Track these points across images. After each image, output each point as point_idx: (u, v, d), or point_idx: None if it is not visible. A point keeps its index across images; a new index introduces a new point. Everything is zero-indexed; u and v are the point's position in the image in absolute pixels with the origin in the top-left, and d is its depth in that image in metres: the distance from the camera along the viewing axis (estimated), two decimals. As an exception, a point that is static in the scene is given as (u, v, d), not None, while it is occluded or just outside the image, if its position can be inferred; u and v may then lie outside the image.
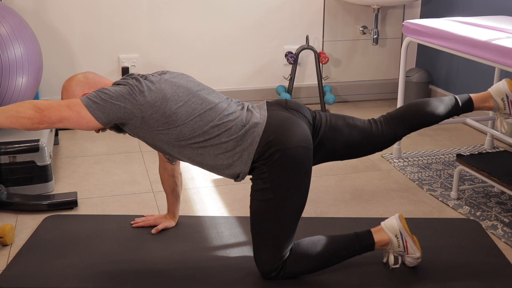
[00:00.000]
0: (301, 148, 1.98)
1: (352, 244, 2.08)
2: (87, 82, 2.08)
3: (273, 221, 1.99)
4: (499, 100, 2.25)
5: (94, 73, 2.15)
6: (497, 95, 2.25)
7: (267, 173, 1.97)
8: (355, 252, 2.09)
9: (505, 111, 2.26)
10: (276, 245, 2.00)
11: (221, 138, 1.99)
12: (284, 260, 2.02)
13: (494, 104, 2.26)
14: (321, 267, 2.08)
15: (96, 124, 1.95)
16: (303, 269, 2.06)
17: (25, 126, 1.91)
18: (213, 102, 2.04)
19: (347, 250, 2.08)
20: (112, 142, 3.49)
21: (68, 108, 1.93)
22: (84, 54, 3.83)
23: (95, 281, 2.09)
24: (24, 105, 1.91)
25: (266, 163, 1.97)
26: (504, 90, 2.23)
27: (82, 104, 1.93)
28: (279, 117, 2.04)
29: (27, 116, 1.89)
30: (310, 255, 2.05)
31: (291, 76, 4.01)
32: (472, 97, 2.27)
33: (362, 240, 2.09)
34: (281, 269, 2.02)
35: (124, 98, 1.95)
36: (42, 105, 1.91)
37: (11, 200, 2.64)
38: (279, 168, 1.96)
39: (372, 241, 2.09)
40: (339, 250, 2.08)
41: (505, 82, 2.24)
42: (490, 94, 2.26)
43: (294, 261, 2.03)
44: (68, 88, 2.08)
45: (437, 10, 4.01)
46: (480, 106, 2.28)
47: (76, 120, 1.93)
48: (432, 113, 2.22)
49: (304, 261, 2.05)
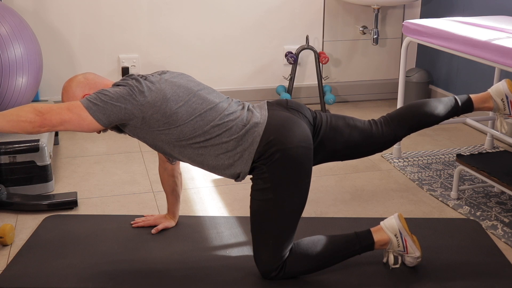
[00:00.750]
0: (301, 148, 1.98)
1: (352, 244, 2.08)
2: (87, 83, 2.08)
3: (273, 221, 1.99)
4: (499, 101, 2.25)
5: (94, 73, 2.15)
6: (497, 96, 2.25)
7: (267, 173, 1.97)
8: (355, 252, 2.09)
9: (505, 111, 2.26)
10: (277, 245, 2.00)
11: (222, 138, 1.99)
12: (284, 260, 2.02)
13: (494, 105, 2.26)
14: (321, 267, 2.08)
15: (97, 126, 1.95)
16: (303, 269, 2.06)
17: (26, 130, 1.91)
18: (214, 102, 2.04)
19: (347, 250, 2.08)
20: (112, 142, 3.49)
21: (68, 111, 1.93)
22: (84, 54, 3.83)
23: (95, 281, 2.09)
24: (24, 109, 1.92)
25: (267, 163, 1.97)
26: (503, 90, 2.24)
27: (83, 106, 1.93)
28: (279, 117, 2.04)
29: (28, 120, 1.89)
30: (310, 255, 2.05)
31: (291, 76, 4.01)
32: (472, 97, 2.27)
33: (362, 240, 2.09)
34: (281, 269, 2.02)
35: (124, 99, 1.95)
36: (42, 108, 1.91)
37: (11, 200, 2.64)
38: (279, 168, 1.96)
39: (372, 241, 2.09)
40: (339, 250, 2.08)
41: (505, 82, 2.24)
42: (490, 94, 2.27)
43: (294, 261, 2.03)
44: (68, 89, 2.08)
45: (437, 10, 4.01)
46: (480, 106, 2.28)
47: (77, 123, 1.93)
48: (432, 113, 2.22)
49: (304, 261, 2.05)
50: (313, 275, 2.09)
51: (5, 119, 1.90)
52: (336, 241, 2.09)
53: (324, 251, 2.06)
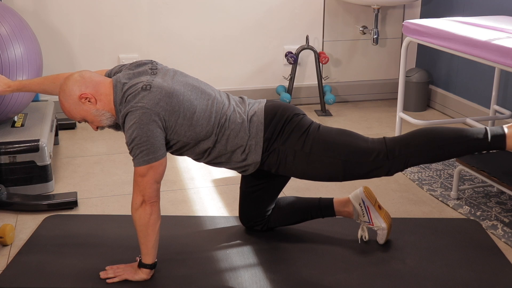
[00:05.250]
0: (299, 115, 2.15)
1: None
2: (83, 81, 2.07)
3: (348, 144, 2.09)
4: (357, 206, 2.29)
5: (90, 71, 2.14)
6: (355, 200, 2.30)
7: (285, 148, 2.10)
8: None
9: (364, 218, 2.29)
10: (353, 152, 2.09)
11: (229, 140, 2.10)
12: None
13: (353, 210, 2.31)
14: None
15: (165, 159, 2.01)
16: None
17: (154, 218, 2.02)
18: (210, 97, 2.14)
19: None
20: (112, 142, 3.49)
21: (148, 177, 1.98)
22: (84, 54, 3.83)
23: (95, 281, 2.09)
24: (136, 215, 2.02)
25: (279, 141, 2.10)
26: (360, 195, 2.29)
27: (147, 164, 1.97)
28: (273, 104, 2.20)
29: (144, 213, 2.00)
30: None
31: (291, 76, 4.01)
32: (334, 201, 2.35)
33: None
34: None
35: (149, 126, 1.97)
36: (143, 198, 1.99)
37: (11, 200, 2.64)
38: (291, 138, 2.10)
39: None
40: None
41: (362, 188, 2.31)
42: (349, 198, 2.32)
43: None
44: (65, 88, 2.08)
45: (437, 10, 4.01)
46: (341, 210, 2.35)
47: (159, 173, 2.00)
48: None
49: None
50: (313, 275, 2.10)
51: (148, 239, 2.04)
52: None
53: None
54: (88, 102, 2.06)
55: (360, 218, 2.29)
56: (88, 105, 2.06)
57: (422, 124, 3.09)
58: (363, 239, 2.32)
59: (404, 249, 2.29)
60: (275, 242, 2.34)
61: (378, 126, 3.77)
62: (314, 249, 2.30)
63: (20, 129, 2.89)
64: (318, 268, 2.17)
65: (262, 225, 2.38)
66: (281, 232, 2.40)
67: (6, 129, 2.86)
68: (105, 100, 2.06)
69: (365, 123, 3.82)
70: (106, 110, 2.07)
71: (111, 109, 2.07)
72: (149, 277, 2.08)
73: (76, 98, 2.06)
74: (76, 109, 2.08)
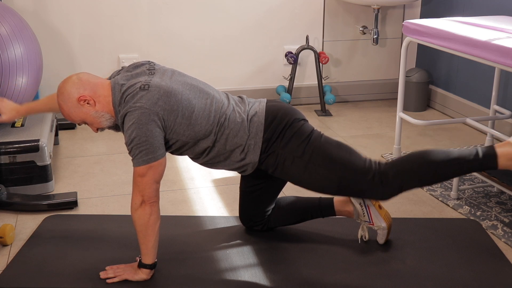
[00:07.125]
0: (301, 121, 2.15)
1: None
2: (82, 84, 2.07)
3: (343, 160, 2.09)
4: (358, 205, 2.28)
5: (88, 73, 2.13)
6: (355, 200, 2.29)
7: (284, 151, 2.09)
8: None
9: (364, 217, 2.29)
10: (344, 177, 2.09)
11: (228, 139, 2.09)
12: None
13: (354, 210, 2.30)
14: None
15: (165, 159, 2.01)
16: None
17: (153, 218, 2.02)
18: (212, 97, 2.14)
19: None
20: (112, 142, 3.49)
21: (148, 177, 1.98)
22: (84, 54, 3.83)
23: (95, 281, 2.09)
24: (135, 215, 2.02)
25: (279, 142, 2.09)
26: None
27: (147, 164, 1.97)
28: (275, 105, 2.19)
29: (146, 217, 2.01)
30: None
31: (291, 76, 4.01)
32: (334, 200, 2.34)
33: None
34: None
35: (149, 126, 1.97)
36: (142, 197, 1.99)
37: (11, 200, 2.64)
38: (291, 141, 2.09)
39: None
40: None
41: None
42: (350, 198, 2.31)
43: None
44: (63, 91, 2.07)
45: (437, 10, 4.01)
46: (341, 209, 2.34)
47: (158, 173, 2.00)
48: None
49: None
50: (313, 275, 2.10)
51: (141, 237, 2.05)
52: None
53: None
54: (87, 104, 2.05)
55: (360, 217, 2.29)
56: (87, 107, 2.06)
57: (422, 124, 3.09)
58: (363, 239, 2.32)
59: (404, 249, 2.29)
60: (275, 242, 2.34)
61: (378, 126, 3.77)
62: (314, 249, 2.30)
63: (20, 129, 2.89)
64: (318, 268, 2.17)
65: (262, 225, 2.38)
66: (281, 232, 2.40)
67: (6, 129, 2.86)
68: (104, 102, 2.06)
69: (365, 123, 3.82)
70: (105, 111, 2.07)
71: (110, 110, 2.07)
72: (149, 277, 2.08)
73: (75, 101, 2.05)
74: (75, 112, 2.07)
